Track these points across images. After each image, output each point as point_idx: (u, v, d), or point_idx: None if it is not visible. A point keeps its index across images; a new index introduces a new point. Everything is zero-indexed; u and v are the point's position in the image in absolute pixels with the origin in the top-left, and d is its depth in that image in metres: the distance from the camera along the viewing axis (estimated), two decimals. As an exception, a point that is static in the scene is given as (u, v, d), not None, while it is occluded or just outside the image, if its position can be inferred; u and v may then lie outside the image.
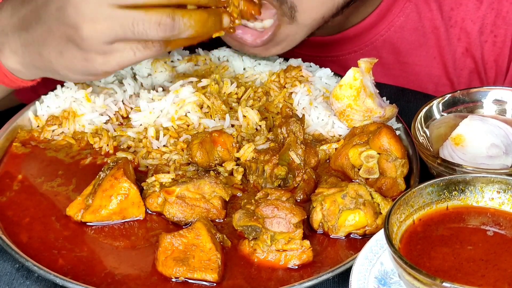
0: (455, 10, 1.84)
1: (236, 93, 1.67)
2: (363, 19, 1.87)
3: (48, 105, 1.66)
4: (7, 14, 1.49)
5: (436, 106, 1.56)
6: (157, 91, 1.67)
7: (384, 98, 1.63)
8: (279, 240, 1.35)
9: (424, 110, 1.55)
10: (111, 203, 1.41)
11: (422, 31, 1.87)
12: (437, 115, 1.56)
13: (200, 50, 1.80)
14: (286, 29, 1.63)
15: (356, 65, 1.55)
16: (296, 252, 1.35)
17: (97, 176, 1.45)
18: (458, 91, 1.58)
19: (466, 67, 1.89)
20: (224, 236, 1.38)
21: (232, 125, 1.59)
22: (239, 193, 1.49)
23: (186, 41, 1.47)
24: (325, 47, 1.91)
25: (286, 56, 1.80)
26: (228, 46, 1.80)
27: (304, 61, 1.77)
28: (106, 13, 1.37)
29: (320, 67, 1.76)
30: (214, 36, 1.50)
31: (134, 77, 1.74)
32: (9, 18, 1.49)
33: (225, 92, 1.66)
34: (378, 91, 1.58)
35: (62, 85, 1.67)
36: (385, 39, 1.89)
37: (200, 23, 1.43)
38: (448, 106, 1.57)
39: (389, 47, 1.90)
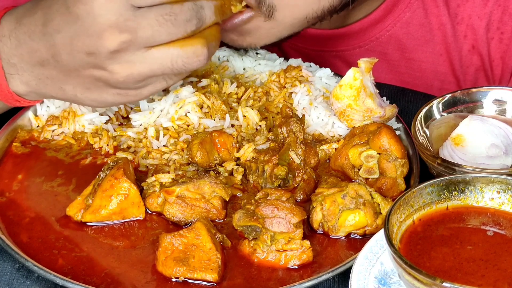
0: (461, 7, 1.83)
1: (236, 93, 1.67)
2: (369, 14, 1.86)
3: (48, 105, 1.67)
4: (11, 43, 1.44)
5: (436, 106, 1.56)
6: (157, 91, 1.67)
7: (384, 98, 1.62)
8: (279, 240, 1.35)
9: (424, 110, 1.55)
10: (111, 203, 1.41)
11: (429, 27, 1.86)
12: (437, 115, 1.56)
13: None
14: (258, 21, 1.59)
15: None
16: (296, 252, 1.35)
17: (97, 176, 1.45)
18: (458, 91, 1.58)
19: (472, 64, 1.88)
20: (224, 236, 1.38)
21: (232, 125, 1.59)
22: (239, 193, 1.49)
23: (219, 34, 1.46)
24: (329, 41, 1.90)
25: (288, 50, 1.80)
26: (229, 46, 1.80)
27: (308, 55, 1.76)
28: (142, 56, 1.34)
29: (325, 62, 1.75)
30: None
31: (134, 77, 1.74)
32: (14, 48, 1.43)
33: (225, 92, 1.66)
34: (378, 91, 1.58)
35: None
36: (391, 35, 1.88)
37: (218, 6, 1.41)
38: (448, 106, 1.57)
39: (394, 43, 1.89)
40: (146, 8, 1.33)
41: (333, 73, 1.72)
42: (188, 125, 1.59)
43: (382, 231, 1.25)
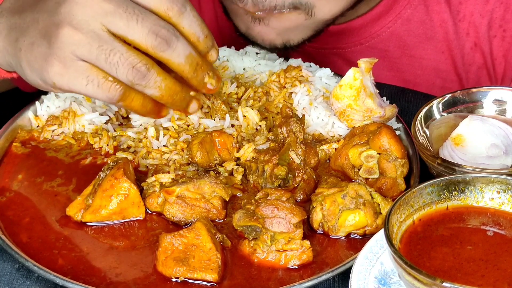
0: (463, 4, 1.83)
1: (236, 93, 1.67)
2: (369, 10, 1.85)
3: (48, 105, 1.67)
4: None
5: (436, 106, 1.56)
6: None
7: (384, 98, 1.62)
8: (279, 240, 1.35)
9: (424, 110, 1.55)
10: (111, 203, 1.41)
11: (430, 25, 1.86)
12: (437, 115, 1.56)
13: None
14: (300, 20, 1.63)
15: (363, 58, 1.55)
16: (296, 252, 1.35)
17: (97, 176, 1.45)
18: (458, 91, 1.58)
19: (474, 62, 1.87)
20: (224, 236, 1.38)
21: (232, 125, 1.59)
22: (239, 193, 1.49)
23: (140, 107, 1.41)
24: (330, 38, 1.90)
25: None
26: (229, 46, 1.80)
27: (308, 53, 1.76)
28: (94, 29, 1.33)
29: (325, 60, 1.75)
30: (167, 114, 1.46)
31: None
32: (14, 1, 1.44)
33: (225, 92, 1.66)
34: (378, 91, 1.58)
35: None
36: (392, 32, 1.87)
37: (170, 91, 1.39)
38: (448, 106, 1.57)
39: (395, 40, 1.88)
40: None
41: (333, 73, 1.72)
42: (188, 125, 1.59)
43: (382, 231, 1.25)
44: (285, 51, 1.76)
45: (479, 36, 1.83)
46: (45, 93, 1.68)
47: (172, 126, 1.58)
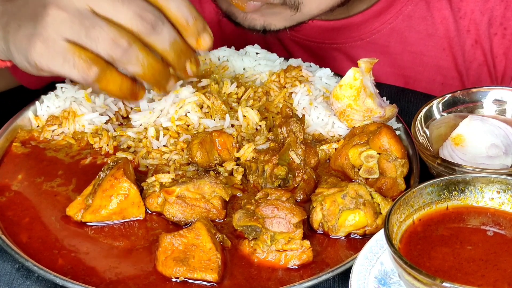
0: (464, 1, 1.83)
1: (236, 93, 1.67)
2: (370, 6, 1.85)
3: (48, 105, 1.66)
4: None
5: (436, 106, 1.56)
6: (157, 91, 1.67)
7: (384, 98, 1.62)
8: (279, 240, 1.35)
9: (424, 110, 1.55)
10: (111, 203, 1.41)
11: (431, 21, 1.86)
12: (437, 115, 1.56)
13: (200, 50, 1.80)
14: (285, 12, 1.61)
15: (364, 54, 1.55)
16: (296, 252, 1.35)
17: (97, 176, 1.45)
18: (458, 91, 1.58)
19: (475, 60, 1.87)
20: (224, 236, 1.38)
21: (232, 125, 1.59)
22: (239, 193, 1.49)
23: (118, 90, 1.41)
24: (330, 33, 1.89)
25: (287, 42, 1.79)
26: (229, 46, 1.80)
27: (308, 48, 1.75)
28: (79, 8, 1.35)
29: (325, 55, 1.74)
30: (143, 96, 1.46)
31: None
32: None
33: (225, 92, 1.66)
34: (378, 91, 1.58)
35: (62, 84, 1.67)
36: (393, 28, 1.87)
37: (152, 70, 1.39)
38: (448, 106, 1.57)
39: (397, 36, 1.88)
40: None
41: (333, 73, 1.72)
42: (188, 125, 1.59)
43: (382, 231, 1.25)
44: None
45: (480, 33, 1.83)
46: (46, 92, 1.68)
47: (172, 126, 1.58)
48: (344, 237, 1.40)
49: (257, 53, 1.79)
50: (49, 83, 1.75)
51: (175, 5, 1.37)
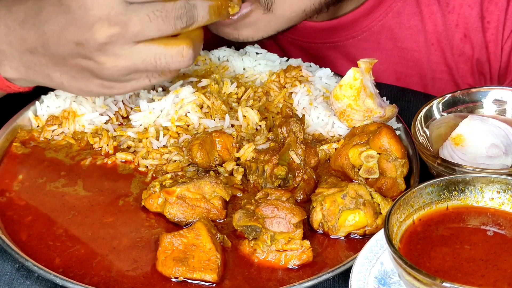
0: None
1: (236, 93, 1.67)
2: (360, 4, 1.86)
3: (48, 105, 1.66)
4: (0, 30, 1.44)
5: (436, 106, 1.56)
6: (157, 91, 1.67)
7: (384, 98, 1.63)
8: (279, 240, 1.35)
9: (424, 110, 1.55)
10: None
11: (420, 17, 1.87)
12: (437, 115, 1.56)
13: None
14: (257, 15, 1.60)
15: (356, 51, 1.55)
16: (296, 252, 1.35)
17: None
18: (458, 91, 1.58)
19: (464, 53, 1.88)
20: (224, 236, 1.38)
21: (232, 125, 1.59)
22: (239, 193, 1.49)
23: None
24: (322, 33, 1.90)
25: (283, 43, 1.79)
26: (229, 46, 1.80)
27: (303, 48, 1.75)
28: (129, 50, 1.36)
29: (320, 54, 1.74)
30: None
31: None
32: (3, 35, 1.44)
33: (225, 92, 1.66)
34: (378, 91, 1.58)
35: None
36: (383, 25, 1.88)
37: (216, 11, 1.43)
38: (448, 106, 1.57)
39: (387, 32, 1.89)
40: (138, 4, 1.34)
41: (333, 73, 1.72)
42: (188, 125, 1.59)
43: (382, 231, 1.25)
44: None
45: (468, 27, 1.85)
46: (46, 92, 1.68)
47: (172, 126, 1.58)
48: (344, 237, 1.40)
49: (257, 53, 1.79)
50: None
51: None
